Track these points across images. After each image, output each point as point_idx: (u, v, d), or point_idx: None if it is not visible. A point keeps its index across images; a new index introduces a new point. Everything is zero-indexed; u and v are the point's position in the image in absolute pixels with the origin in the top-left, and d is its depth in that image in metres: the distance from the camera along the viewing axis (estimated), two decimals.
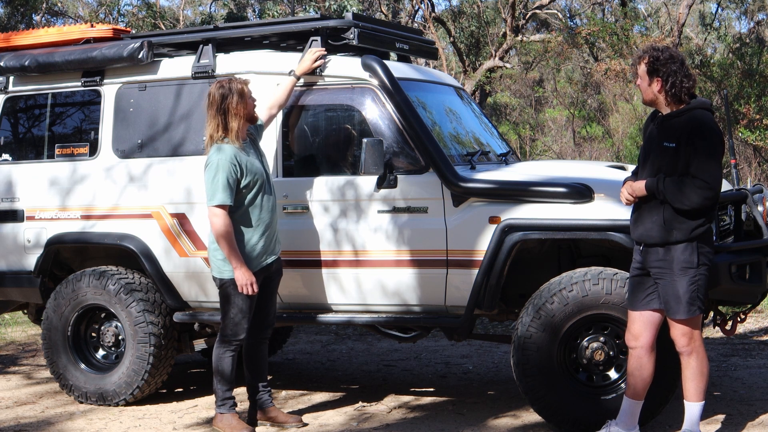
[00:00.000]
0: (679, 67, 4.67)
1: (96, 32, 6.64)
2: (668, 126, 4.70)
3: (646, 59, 4.72)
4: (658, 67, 4.68)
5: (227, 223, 5.21)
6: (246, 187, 5.28)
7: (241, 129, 5.33)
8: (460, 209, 5.46)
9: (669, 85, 4.67)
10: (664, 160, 4.65)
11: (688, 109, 4.69)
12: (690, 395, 4.79)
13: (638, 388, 4.85)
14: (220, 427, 5.50)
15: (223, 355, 5.46)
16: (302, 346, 8.37)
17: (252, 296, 5.35)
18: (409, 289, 5.61)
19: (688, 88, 4.69)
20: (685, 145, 4.59)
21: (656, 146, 4.72)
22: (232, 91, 5.27)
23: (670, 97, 4.70)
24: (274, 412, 5.69)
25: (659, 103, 4.76)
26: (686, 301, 4.64)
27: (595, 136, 22.20)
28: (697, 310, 4.68)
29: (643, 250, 4.76)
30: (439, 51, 10.75)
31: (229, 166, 5.19)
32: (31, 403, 6.49)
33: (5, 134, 6.69)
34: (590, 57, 22.40)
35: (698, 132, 4.60)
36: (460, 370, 7.21)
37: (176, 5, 28.95)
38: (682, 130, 4.62)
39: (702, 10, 28.84)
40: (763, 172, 15.03)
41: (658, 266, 4.69)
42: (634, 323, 4.83)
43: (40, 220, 6.41)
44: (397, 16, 23.80)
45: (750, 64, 14.55)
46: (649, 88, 4.74)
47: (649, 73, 4.71)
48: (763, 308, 8.78)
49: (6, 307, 7.06)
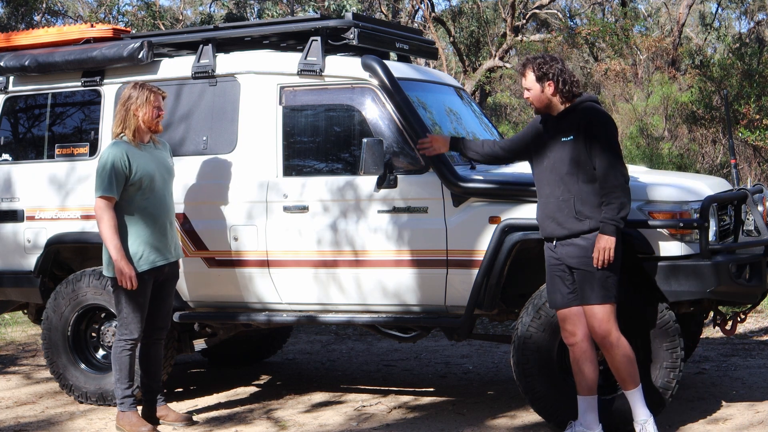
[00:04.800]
0: (563, 66, 4.90)
1: (96, 32, 6.64)
2: (565, 122, 4.87)
3: (531, 67, 4.90)
4: (547, 71, 4.87)
5: (110, 215, 5.38)
6: (133, 185, 5.42)
7: (138, 130, 5.50)
8: (460, 209, 5.46)
9: (561, 83, 4.86)
10: (565, 154, 4.81)
11: (580, 102, 4.88)
12: (624, 384, 4.89)
13: (589, 383, 4.93)
14: (121, 425, 5.58)
15: (119, 354, 5.56)
16: (302, 346, 8.37)
17: (140, 294, 5.46)
18: (409, 289, 5.61)
19: (576, 83, 4.89)
20: (584, 135, 4.76)
21: (554, 144, 4.87)
22: (139, 94, 5.50)
23: (564, 96, 4.88)
24: (164, 411, 5.76)
25: (553, 105, 4.93)
26: (600, 288, 4.76)
27: None
28: (612, 297, 4.80)
29: (556, 246, 4.87)
30: (439, 51, 10.74)
31: (118, 161, 5.38)
32: (31, 403, 6.49)
33: (5, 134, 6.69)
34: (590, 57, 22.41)
35: (593, 121, 4.80)
36: (460, 370, 7.21)
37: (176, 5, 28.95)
38: (579, 122, 4.81)
39: (702, 10, 28.85)
40: (763, 172, 15.02)
41: (577, 256, 4.81)
42: (566, 321, 4.93)
43: (40, 220, 6.40)
44: (397, 16, 23.80)
45: (750, 64, 14.53)
46: (542, 93, 4.92)
47: (538, 79, 4.89)
48: (763, 308, 8.78)
49: (6, 307, 7.05)
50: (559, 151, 4.85)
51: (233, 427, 5.74)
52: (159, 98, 5.55)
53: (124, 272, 5.36)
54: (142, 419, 5.59)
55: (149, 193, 5.47)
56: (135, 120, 5.49)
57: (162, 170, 5.56)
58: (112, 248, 5.38)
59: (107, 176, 5.37)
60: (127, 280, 5.37)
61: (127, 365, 5.56)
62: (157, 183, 5.49)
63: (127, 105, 5.51)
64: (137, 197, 5.44)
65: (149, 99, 5.50)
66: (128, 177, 5.39)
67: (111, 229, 5.39)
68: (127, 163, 5.39)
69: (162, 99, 5.59)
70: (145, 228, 5.47)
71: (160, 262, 5.51)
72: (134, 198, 5.44)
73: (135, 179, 5.41)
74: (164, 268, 5.57)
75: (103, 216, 5.39)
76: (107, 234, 5.39)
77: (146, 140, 5.58)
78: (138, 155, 5.46)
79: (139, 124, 5.50)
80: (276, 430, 5.65)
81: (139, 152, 5.47)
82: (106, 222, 5.39)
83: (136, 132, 5.51)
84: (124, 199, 5.43)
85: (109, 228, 5.39)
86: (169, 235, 5.57)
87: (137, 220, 5.46)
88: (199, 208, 5.98)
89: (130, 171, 5.39)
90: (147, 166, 5.46)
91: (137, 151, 5.47)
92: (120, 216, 5.43)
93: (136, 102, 5.48)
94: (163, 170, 5.58)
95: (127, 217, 5.45)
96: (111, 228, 5.39)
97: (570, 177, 4.81)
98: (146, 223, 5.47)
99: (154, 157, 5.55)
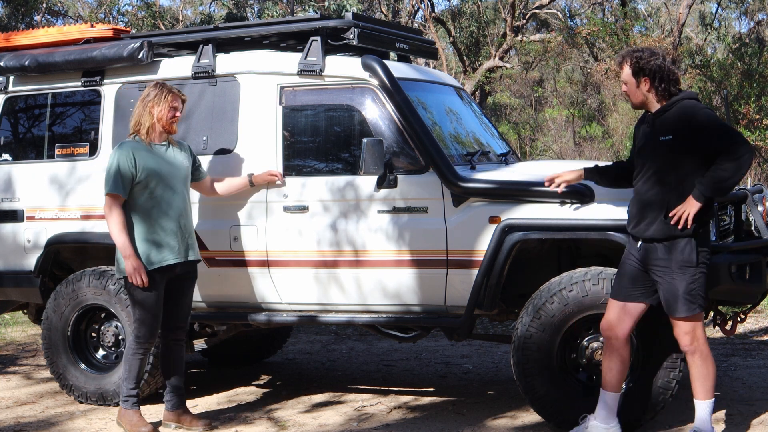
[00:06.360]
0: (662, 62, 4.69)
1: (96, 32, 6.64)
2: (662, 121, 4.71)
3: (629, 62, 4.72)
4: (643, 66, 4.69)
5: (117, 212, 5.39)
6: (139, 184, 5.41)
7: (152, 128, 5.49)
8: (460, 209, 5.46)
9: (657, 80, 4.69)
10: (662, 154, 4.66)
11: (678, 100, 4.70)
12: (698, 393, 4.79)
13: (614, 380, 4.88)
14: (122, 422, 5.58)
15: (131, 356, 5.54)
16: (302, 346, 8.37)
17: (153, 295, 5.43)
18: (409, 289, 5.61)
19: (675, 81, 4.71)
20: (683, 136, 4.59)
21: (651, 143, 4.72)
22: (158, 93, 5.49)
23: (660, 93, 4.71)
24: (185, 415, 5.69)
25: (649, 102, 4.76)
26: (686, 299, 4.65)
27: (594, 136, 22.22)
28: (698, 308, 4.69)
29: (641, 247, 4.75)
30: (439, 51, 10.75)
31: (124, 160, 5.38)
32: (31, 403, 6.49)
33: (5, 134, 6.69)
34: (590, 57, 22.42)
35: (695, 119, 4.61)
36: (460, 370, 7.21)
37: (176, 5, 28.95)
38: (677, 122, 4.64)
39: (702, 10, 28.85)
40: (763, 172, 15.03)
41: (659, 265, 4.69)
42: (613, 312, 4.83)
43: (40, 220, 6.41)
44: (397, 16, 23.80)
45: (750, 64, 14.55)
46: (637, 90, 4.75)
47: (634, 74, 4.72)
48: (763, 308, 8.78)
49: (6, 307, 7.06)
50: (656, 151, 4.68)
51: (233, 427, 5.73)
52: (177, 99, 5.53)
53: (133, 267, 5.35)
54: (143, 419, 5.57)
55: (157, 193, 5.44)
56: (150, 118, 5.48)
57: (173, 171, 5.51)
58: (120, 244, 5.38)
59: (113, 175, 5.38)
60: (136, 275, 5.36)
61: (137, 368, 5.54)
62: (165, 183, 5.46)
63: (145, 102, 5.50)
64: (144, 196, 5.43)
65: (167, 98, 5.48)
66: (135, 176, 5.39)
67: (119, 225, 5.38)
68: (134, 162, 5.38)
69: (181, 101, 5.56)
70: (151, 227, 5.44)
71: (168, 262, 5.46)
72: (141, 197, 5.43)
73: (141, 178, 5.40)
74: (175, 268, 5.52)
75: (111, 213, 5.40)
76: (115, 231, 5.39)
77: (160, 140, 5.54)
78: (146, 155, 5.44)
79: (154, 123, 5.47)
80: (276, 430, 5.65)
81: (148, 152, 5.45)
82: (113, 219, 5.39)
83: (149, 130, 5.49)
84: (132, 198, 5.43)
85: (116, 224, 5.38)
86: (180, 235, 5.51)
87: (144, 219, 5.44)
88: (199, 208, 5.98)
89: (136, 170, 5.38)
90: (155, 166, 5.44)
91: (146, 151, 5.45)
92: (128, 214, 5.43)
93: (154, 100, 5.47)
94: (175, 171, 5.53)
95: (134, 216, 5.44)
96: (119, 224, 5.38)
97: (665, 178, 4.66)
98: (153, 222, 5.44)
99: (166, 158, 5.51)
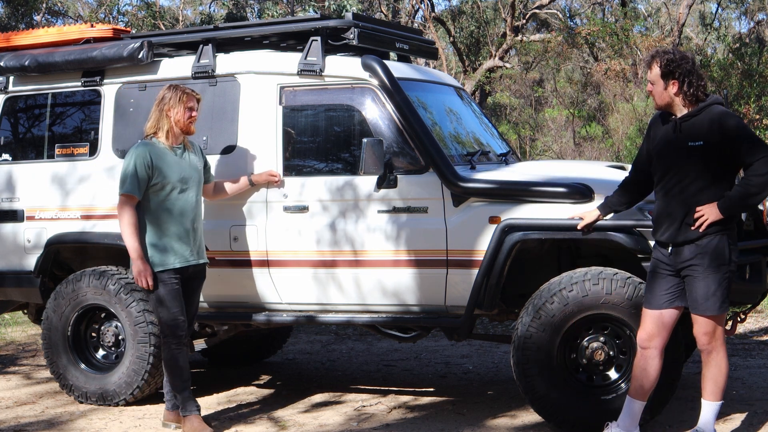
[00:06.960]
0: (692, 66, 4.61)
1: (96, 32, 6.64)
2: (690, 125, 4.62)
3: (659, 62, 4.62)
4: (674, 69, 4.59)
5: (130, 213, 5.38)
6: (154, 186, 5.40)
7: (171, 131, 5.48)
8: (460, 209, 5.47)
9: (686, 85, 4.59)
10: (691, 160, 4.58)
11: (706, 105, 4.62)
12: (707, 393, 4.75)
13: (645, 389, 4.80)
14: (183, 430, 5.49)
15: (169, 357, 5.50)
16: (302, 346, 8.37)
17: (173, 292, 5.41)
18: (409, 289, 5.61)
19: (704, 87, 4.64)
20: (715, 142, 4.54)
21: (678, 148, 4.63)
22: (173, 95, 5.48)
23: (688, 98, 4.62)
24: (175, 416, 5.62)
25: (675, 105, 4.67)
26: (718, 297, 4.58)
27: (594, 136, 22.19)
28: (727, 307, 4.65)
29: (672, 252, 4.66)
30: (439, 51, 10.75)
31: (141, 162, 5.37)
32: (31, 403, 6.49)
33: (5, 134, 6.69)
34: (590, 57, 22.41)
35: (726, 127, 4.55)
36: (460, 370, 7.21)
37: (176, 5, 28.95)
38: (709, 129, 4.56)
39: (702, 10, 28.86)
40: None
41: (694, 264, 4.59)
42: (651, 323, 4.72)
43: (40, 220, 6.41)
44: (397, 16, 23.81)
45: (750, 64, 14.54)
46: (665, 91, 4.64)
47: (663, 75, 4.62)
48: (763, 308, 8.79)
49: (6, 307, 7.06)
50: (683, 155, 4.60)
51: (233, 427, 5.73)
52: (192, 99, 5.52)
53: (139, 270, 5.36)
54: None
55: (172, 196, 5.43)
56: (168, 121, 5.47)
57: (189, 174, 5.51)
58: (130, 246, 5.37)
59: (129, 175, 5.37)
60: (142, 279, 5.36)
61: (179, 367, 5.48)
62: (181, 186, 5.46)
63: (161, 106, 5.49)
64: (159, 198, 5.42)
65: (182, 99, 5.46)
66: (150, 178, 5.38)
67: (130, 226, 5.37)
68: (150, 164, 5.37)
69: (196, 101, 5.55)
70: (164, 229, 5.42)
71: (178, 264, 5.46)
72: (156, 199, 5.42)
73: (157, 180, 5.39)
74: (187, 269, 5.52)
75: (124, 214, 5.39)
76: (125, 232, 5.38)
77: (178, 142, 5.54)
78: (164, 157, 5.43)
79: (172, 125, 5.47)
80: (276, 430, 5.65)
81: (166, 154, 5.45)
82: (125, 220, 5.38)
83: (168, 133, 5.49)
84: (146, 200, 5.42)
85: (128, 225, 5.38)
86: (191, 238, 5.51)
87: (157, 221, 5.42)
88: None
89: (152, 172, 5.37)
90: (171, 169, 5.43)
91: (164, 153, 5.45)
92: (141, 215, 5.42)
93: (169, 103, 5.46)
94: (190, 174, 5.53)
95: (147, 217, 5.43)
96: (130, 226, 5.37)
97: (694, 183, 4.59)
98: (166, 225, 5.43)
99: (183, 161, 5.51)
